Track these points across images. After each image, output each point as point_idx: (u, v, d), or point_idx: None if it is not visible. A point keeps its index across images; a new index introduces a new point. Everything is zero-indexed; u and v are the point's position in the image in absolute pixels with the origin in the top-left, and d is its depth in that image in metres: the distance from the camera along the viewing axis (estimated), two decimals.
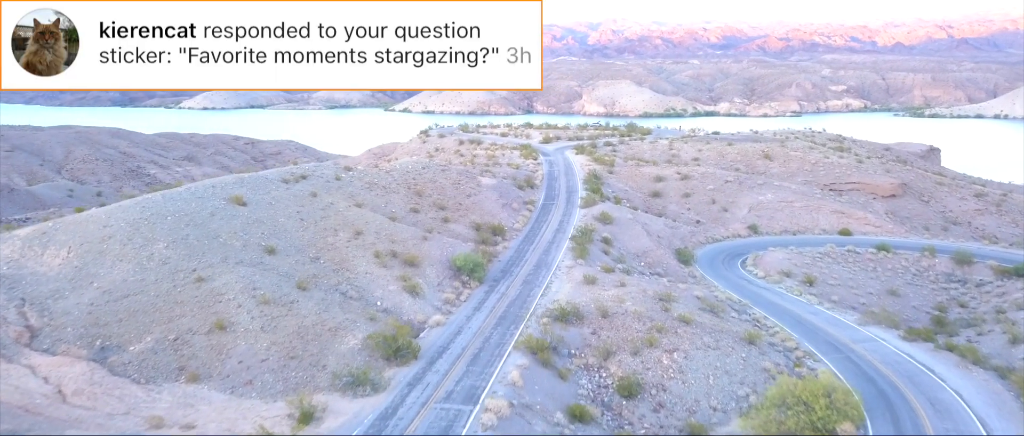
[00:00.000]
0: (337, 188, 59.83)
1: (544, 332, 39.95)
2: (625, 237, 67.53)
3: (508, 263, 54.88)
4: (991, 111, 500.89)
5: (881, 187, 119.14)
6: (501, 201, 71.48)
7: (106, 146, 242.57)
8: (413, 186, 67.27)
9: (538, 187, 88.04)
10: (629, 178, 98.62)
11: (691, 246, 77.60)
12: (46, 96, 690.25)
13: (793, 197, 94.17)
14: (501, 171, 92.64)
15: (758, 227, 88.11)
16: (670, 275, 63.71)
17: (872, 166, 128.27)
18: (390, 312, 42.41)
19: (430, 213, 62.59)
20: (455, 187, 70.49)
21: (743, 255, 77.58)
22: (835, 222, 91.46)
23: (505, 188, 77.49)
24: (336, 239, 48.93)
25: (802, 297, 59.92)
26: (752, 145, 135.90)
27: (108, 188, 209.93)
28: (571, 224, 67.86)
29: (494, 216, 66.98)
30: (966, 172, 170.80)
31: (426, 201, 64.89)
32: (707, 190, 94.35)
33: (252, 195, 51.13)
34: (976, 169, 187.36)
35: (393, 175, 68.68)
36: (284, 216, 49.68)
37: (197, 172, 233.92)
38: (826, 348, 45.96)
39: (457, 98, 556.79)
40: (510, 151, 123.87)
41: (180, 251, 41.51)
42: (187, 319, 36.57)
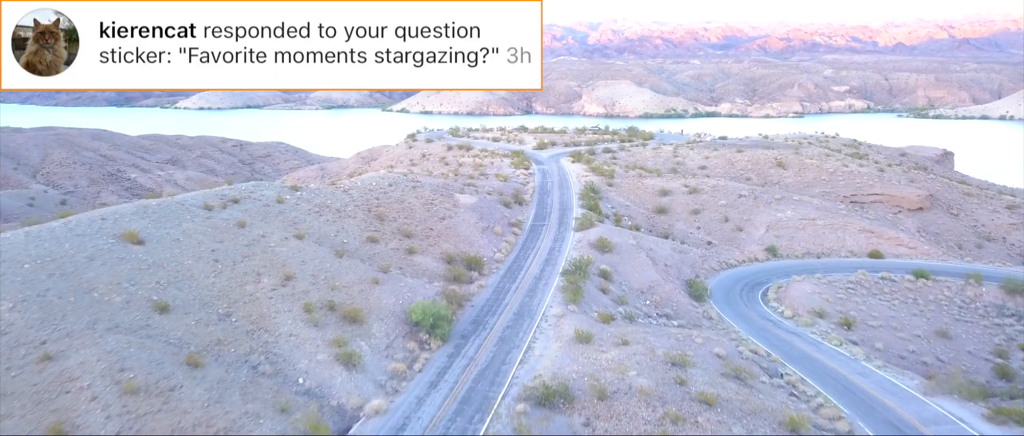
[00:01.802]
0: (276, 214, 49.07)
1: (518, 428, 29.30)
2: (627, 269, 56.80)
3: (483, 310, 44.17)
4: (996, 112, 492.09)
5: (907, 199, 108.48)
6: (481, 224, 60.72)
7: (86, 149, 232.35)
8: (375, 208, 56.48)
9: (528, 203, 77.34)
10: (631, 191, 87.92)
11: (703, 274, 66.95)
12: (42, 96, 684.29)
13: (816, 214, 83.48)
14: (487, 184, 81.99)
15: (777, 249, 77.49)
16: (681, 316, 53.05)
17: (894, 175, 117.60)
18: (313, 394, 31.70)
19: (392, 242, 51.82)
20: (427, 208, 59.74)
21: (763, 285, 66.93)
22: (864, 243, 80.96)
23: (488, 207, 66.74)
24: (258, 287, 38.18)
25: (842, 347, 49.20)
26: (763, 152, 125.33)
27: (86, 192, 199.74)
28: (563, 253, 57.12)
29: (471, 244, 56.24)
30: (984, 178, 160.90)
31: (389, 227, 54.12)
32: (719, 206, 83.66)
33: (154, 229, 40.32)
34: (991, 174, 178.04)
35: (352, 195, 57.89)
36: (193, 257, 38.91)
37: (180, 176, 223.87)
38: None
39: (455, 98, 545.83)
40: (500, 159, 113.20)
41: (30, 314, 30.78)
42: (11, 423, 25.83)
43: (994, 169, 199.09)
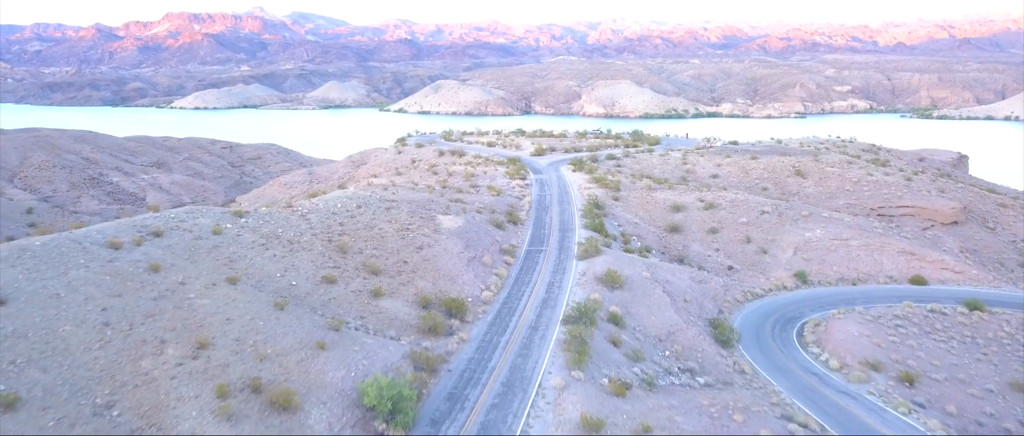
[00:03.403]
0: (208, 251, 39.36)
1: None
2: (641, 310, 47.22)
3: (463, 377, 34.53)
4: (1001, 113, 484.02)
5: (940, 212, 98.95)
6: (467, 253, 51.06)
7: (68, 151, 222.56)
8: (337, 238, 46.79)
9: (523, 223, 67.74)
10: (639, 206, 78.37)
11: (727, 308, 57.42)
12: (37, 95, 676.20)
13: (848, 233, 73.84)
14: (477, 199, 72.41)
15: (807, 275, 67.98)
16: (708, 371, 43.50)
17: (922, 184, 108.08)
18: None
19: (354, 282, 42.12)
20: (401, 235, 50.07)
21: (797, 321, 57.42)
22: (904, 266, 71.49)
23: (476, 230, 57.07)
24: (158, 361, 28.50)
25: (910, 416, 39.68)
26: (780, 159, 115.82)
27: (65, 197, 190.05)
28: (564, 290, 47.51)
29: (454, 279, 46.59)
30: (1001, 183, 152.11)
31: (353, 262, 44.42)
32: (739, 224, 74.10)
33: (26, 282, 30.59)
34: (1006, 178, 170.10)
35: (311, 220, 48.19)
36: (74, 320, 29.22)
37: (165, 179, 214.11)
38: None
39: (453, 98, 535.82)
40: (494, 167, 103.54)
41: None
42: None
43: (1008, 172, 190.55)
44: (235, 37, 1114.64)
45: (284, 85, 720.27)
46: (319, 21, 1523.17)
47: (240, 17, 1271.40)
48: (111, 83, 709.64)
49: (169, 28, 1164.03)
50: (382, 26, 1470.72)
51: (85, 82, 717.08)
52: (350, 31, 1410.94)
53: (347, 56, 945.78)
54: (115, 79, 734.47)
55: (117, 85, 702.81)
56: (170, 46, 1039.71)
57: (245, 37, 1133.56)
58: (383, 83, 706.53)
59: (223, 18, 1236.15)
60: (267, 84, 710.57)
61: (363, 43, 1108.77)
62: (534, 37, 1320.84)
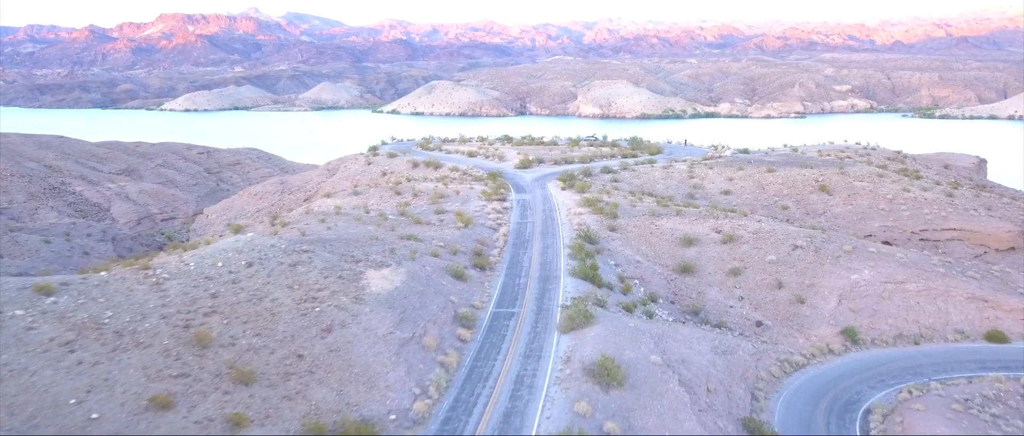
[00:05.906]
0: None
1: None
2: (651, 420, 32.21)
3: None
4: (1005, 112, 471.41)
5: (994, 237, 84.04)
6: (400, 333, 35.83)
7: (29, 159, 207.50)
8: (199, 321, 31.56)
9: (493, 268, 52.70)
10: (642, 239, 63.38)
11: (762, 390, 42.61)
12: (26, 97, 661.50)
13: (903, 273, 58.82)
14: (438, 235, 57.37)
15: (857, 332, 53.16)
16: None
17: (966, 201, 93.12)
18: None
19: (205, 403, 26.87)
20: (303, 311, 34.81)
21: (857, 406, 42.62)
22: (975, 317, 56.70)
23: (421, 289, 41.88)
24: None
25: None
26: (800, 172, 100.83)
27: (21, 209, 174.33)
28: (537, 394, 32.42)
29: (372, 383, 31.39)
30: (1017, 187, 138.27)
31: (213, 363, 29.21)
32: (767, 263, 59.15)
33: None
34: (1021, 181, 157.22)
35: (169, 290, 32.94)
36: None
37: (133, 188, 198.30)
38: None
39: (447, 99, 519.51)
40: (470, 184, 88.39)
41: None
42: None
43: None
44: (229, 38, 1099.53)
45: (277, 86, 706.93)
46: (314, 22, 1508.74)
47: (235, 18, 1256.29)
48: (101, 85, 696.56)
49: (163, 29, 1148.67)
50: (377, 26, 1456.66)
51: (75, 84, 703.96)
52: (345, 32, 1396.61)
53: (342, 57, 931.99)
54: (106, 81, 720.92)
55: (107, 87, 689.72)
56: (164, 47, 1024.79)
57: (239, 38, 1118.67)
58: (377, 84, 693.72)
59: (217, 19, 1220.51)
60: (260, 85, 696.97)
61: (358, 44, 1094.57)
62: (530, 37, 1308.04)
